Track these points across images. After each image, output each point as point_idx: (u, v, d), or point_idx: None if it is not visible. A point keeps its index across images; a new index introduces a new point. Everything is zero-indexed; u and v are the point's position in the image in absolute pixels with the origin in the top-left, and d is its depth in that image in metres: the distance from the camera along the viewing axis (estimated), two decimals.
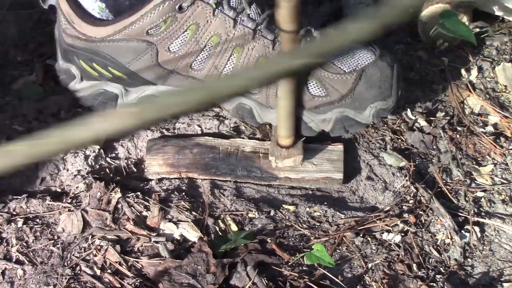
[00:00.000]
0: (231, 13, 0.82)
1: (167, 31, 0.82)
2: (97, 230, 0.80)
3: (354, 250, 0.81)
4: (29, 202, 0.83)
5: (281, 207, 0.85)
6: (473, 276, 0.79)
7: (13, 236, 0.80)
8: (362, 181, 0.89)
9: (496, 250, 0.82)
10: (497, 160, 0.91)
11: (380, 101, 0.85)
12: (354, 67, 0.85)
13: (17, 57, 1.00)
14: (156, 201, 0.83)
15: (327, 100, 0.85)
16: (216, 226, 0.82)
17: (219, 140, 0.90)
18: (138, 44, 0.83)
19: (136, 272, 0.77)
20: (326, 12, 1.07)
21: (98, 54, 0.85)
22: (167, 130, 0.93)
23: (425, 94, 0.98)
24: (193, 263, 0.77)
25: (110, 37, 0.84)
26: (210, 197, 0.85)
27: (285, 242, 0.81)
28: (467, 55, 1.03)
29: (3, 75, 0.97)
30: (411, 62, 1.02)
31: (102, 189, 0.83)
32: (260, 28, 0.83)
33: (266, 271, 0.77)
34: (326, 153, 0.88)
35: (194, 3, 0.81)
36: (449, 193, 0.87)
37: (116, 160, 0.90)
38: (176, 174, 0.88)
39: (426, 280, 0.77)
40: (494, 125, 0.95)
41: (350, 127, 0.87)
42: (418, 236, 0.82)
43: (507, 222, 0.84)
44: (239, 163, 0.88)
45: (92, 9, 0.85)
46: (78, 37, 0.85)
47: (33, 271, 0.77)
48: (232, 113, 0.90)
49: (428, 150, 0.92)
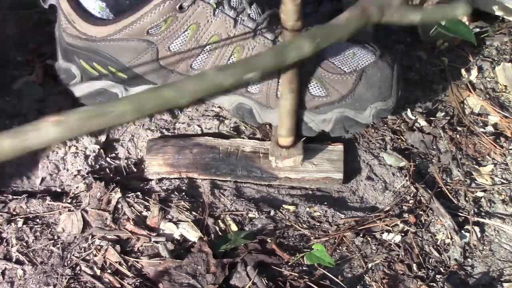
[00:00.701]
0: (231, 13, 0.82)
1: (167, 30, 0.82)
2: (97, 230, 0.80)
3: (354, 250, 0.81)
4: (29, 202, 0.83)
5: (281, 207, 0.85)
6: (473, 276, 0.79)
7: (13, 236, 0.80)
8: (362, 181, 0.89)
9: (496, 250, 0.82)
10: (497, 160, 0.91)
11: (380, 101, 0.85)
12: (354, 68, 0.85)
13: (17, 57, 1.00)
14: (156, 201, 0.83)
15: (327, 100, 0.85)
16: (216, 226, 0.82)
17: (219, 140, 0.90)
18: (138, 44, 0.83)
19: (136, 272, 0.77)
20: (326, 12, 1.07)
21: (99, 53, 0.85)
22: (167, 130, 0.93)
23: (425, 94, 0.98)
24: (193, 263, 0.77)
25: (110, 36, 0.84)
26: (210, 197, 0.85)
27: (285, 242, 0.81)
28: (467, 55, 1.04)
29: (3, 75, 0.97)
30: (411, 62, 1.02)
31: (102, 189, 0.83)
32: (261, 28, 0.83)
33: (266, 271, 0.77)
34: (326, 153, 0.88)
35: (195, 2, 0.81)
36: (449, 193, 0.87)
37: (116, 160, 0.90)
38: (176, 174, 0.88)
39: (426, 280, 0.77)
40: (494, 125, 0.95)
41: (350, 127, 0.87)
42: (418, 236, 0.82)
43: (507, 222, 0.84)
44: (239, 163, 0.88)
45: (93, 8, 0.85)
46: (78, 37, 0.85)
47: (33, 271, 0.77)
48: (232, 113, 0.90)
49: (428, 150, 0.92)
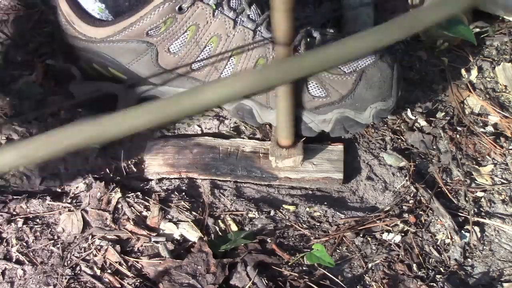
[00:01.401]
0: (231, 14, 0.82)
1: (167, 32, 0.82)
2: (97, 230, 0.80)
3: (354, 250, 0.81)
4: (29, 202, 0.83)
5: (281, 207, 0.85)
6: (473, 276, 0.79)
7: (13, 236, 0.80)
8: (362, 181, 0.89)
9: (496, 250, 0.82)
10: (497, 160, 0.91)
11: (380, 101, 0.85)
12: (354, 68, 0.85)
13: (17, 57, 1.00)
14: (156, 201, 0.83)
15: (327, 101, 0.85)
16: (216, 226, 0.82)
17: (219, 140, 0.90)
18: (138, 45, 0.83)
19: (136, 272, 0.77)
20: (326, 12, 1.07)
21: (98, 54, 0.85)
22: (167, 130, 0.93)
23: (425, 94, 0.98)
24: (193, 263, 0.77)
25: (110, 37, 0.84)
26: (210, 197, 0.85)
27: (285, 242, 0.81)
28: (467, 55, 1.03)
29: (3, 75, 0.97)
30: (411, 62, 1.02)
31: (102, 189, 0.83)
32: (260, 29, 0.83)
33: (266, 271, 0.77)
34: (326, 153, 0.88)
35: (194, 4, 0.81)
36: (449, 193, 0.87)
37: (116, 160, 0.90)
38: (176, 174, 0.88)
39: (426, 280, 0.77)
40: (494, 125, 0.95)
41: (350, 127, 0.87)
42: (418, 236, 0.82)
43: (507, 222, 0.84)
44: (239, 163, 0.88)
45: (92, 9, 0.85)
46: (78, 38, 0.85)
47: (33, 271, 0.77)
48: (232, 113, 0.90)
49: (428, 150, 0.92)
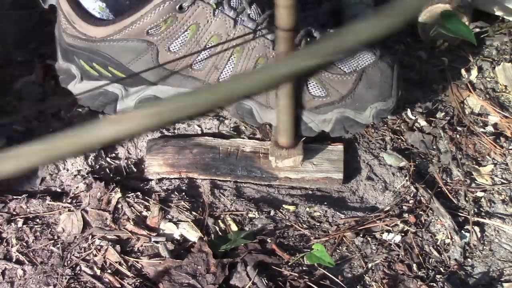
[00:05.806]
0: (231, 13, 0.82)
1: (167, 31, 0.82)
2: (97, 230, 0.80)
3: (354, 250, 0.81)
4: (29, 202, 0.83)
5: (281, 207, 0.85)
6: (473, 276, 0.79)
7: (13, 236, 0.80)
8: (362, 181, 0.89)
9: (496, 250, 0.82)
10: (497, 160, 0.91)
11: (380, 101, 0.85)
12: (354, 68, 0.85)
13: (17, 57, 1.00)
14: (156, 201, 0.83)
15: (327, 101, 0.85)
16: (216, 226, 0.82)
17: (219, 140, 0.90)
18: (138, 44, 0.83)
19: (136, 272, 0.77)
20: (326, 12, 1.07)
21: (98, 54, 0.85)
22: (167, 130, 0.93)
23: (425, 94, 0.98)
24: (193, 263, 0.77)
25: (110, 37, 0.84)
26: (210, 197, 0.85)
27: (285, 242, 0.81)
28: (467, 55, 1.03)
29: (3, 75, 0.97)
30: (411, 62, 1.02)
31: (102, 189, 0.83)
32: (261, 28, 0.83)
33: (266, 271, 0.77)
34: (326, 153, 0.88)
35: (195, 3, 0.81)
36: (449, 193, 0.87)
37: (116, 160, 0.90)
38: (176, 174, 0.88)
39: (426, 280, 0.77)
40: (494, 125, 0.95)
41: (350, 127, 0.87)
42: (418, 236, 0.82)
43: (507, 222, 0.84)
44: (239, 163, 0.88)
45: (93, 8, 0.85)
46: (78, 37, 0.85)
47: (33, 271, 0.77)
48: (232, 113, 0.90)
49: (428, 150, 0.92)
